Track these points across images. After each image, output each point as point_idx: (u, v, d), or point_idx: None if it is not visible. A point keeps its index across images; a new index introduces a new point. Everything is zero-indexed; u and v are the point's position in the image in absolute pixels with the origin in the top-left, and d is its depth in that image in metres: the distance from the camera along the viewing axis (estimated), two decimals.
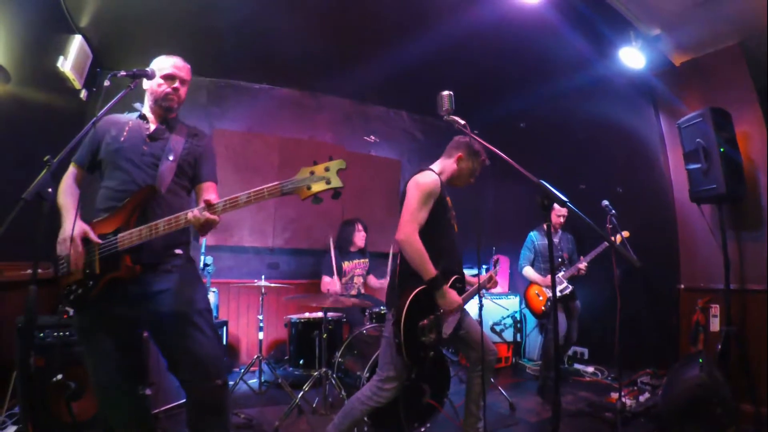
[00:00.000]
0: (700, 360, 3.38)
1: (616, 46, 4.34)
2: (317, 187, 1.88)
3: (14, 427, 2.91)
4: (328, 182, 1.88)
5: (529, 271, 4.78)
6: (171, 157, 2.23)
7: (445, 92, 2.33)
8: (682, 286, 4.46)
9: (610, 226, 3.79)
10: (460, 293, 2.69)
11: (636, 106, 5.15)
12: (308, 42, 4.96)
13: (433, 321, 2.54)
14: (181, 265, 2.24)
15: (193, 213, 1.95)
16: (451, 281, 2.64)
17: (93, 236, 2.04)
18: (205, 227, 1.98)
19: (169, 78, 2.29)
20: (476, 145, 2.77)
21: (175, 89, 2.30)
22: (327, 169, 1.88)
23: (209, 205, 1.96)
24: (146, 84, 2.30)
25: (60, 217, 2.11)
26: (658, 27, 4.18)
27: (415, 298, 2.49)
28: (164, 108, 2.30)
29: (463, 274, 2.79)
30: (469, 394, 2.84)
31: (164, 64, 2.30)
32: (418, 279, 2.52)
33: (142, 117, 2.31)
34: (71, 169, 2.27)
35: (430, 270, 2.49)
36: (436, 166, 2.85)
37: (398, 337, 2.45)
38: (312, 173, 1.89)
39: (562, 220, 4.72)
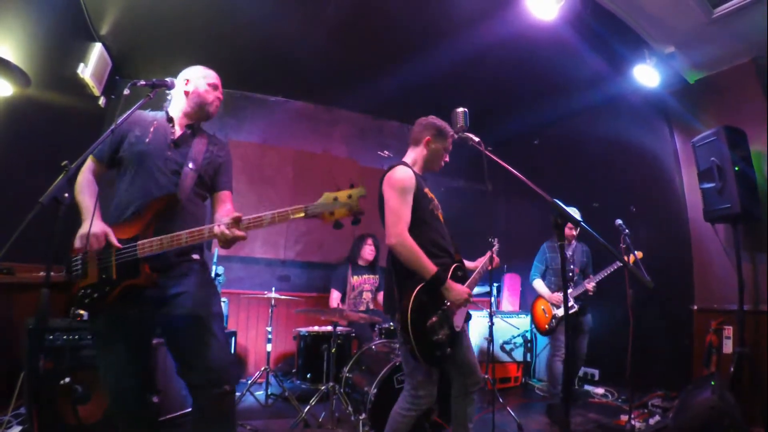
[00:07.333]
0: (713, 382, 3.31)
1: (631, 64, 4.37)
2: (340, 213, 1.93)
3: (19, 428, 2.90)
4: (351, 209, 1.92)
5: (538, 284, 4.62)
6: (192, 165, 2.24)
7: (460, 109, 2.32)
8: (696, 307, 4.40)
9: (624, 246, 3.73)
10: (462, 281, 2.60)
11: (650, 123, 5.13)
12: (324, 57, 5.02)
13: (442, 316, 2.41)
14: (197, 269, 2.25)
15: (221, 228, 1.93)
16: (451, 271, 2.54)
17: (114, 239, 2.01)
18: (231, 243, 1.98)
19: (215, 87, 2.38)
20: (440, 122, 2.69)
21: (219, 98, 2.40)
22: (350, 197, 1.92)
23: (237, 221, 1.95)
24: (190, 86, 2.33)
25: (80, 214, 2.08)
26: (672, 45, 4.19)
27: (417, 298, 2.38)
28: (207, 113, 2.36)
29: (461, 261, 2.68)
30: (455, 419, 2.72)
31: (208, 73, 2.39)
32: (416, 279, 2.40)
33: (169, 119, 2.32)
34: (89, 163, 2.24)
35: (430, 267, 2.37)
36: (408, 158, 2.76)
37: (409, 342, 2.35)
38: (335, 199, 1.93)
39: (574, 232, 4.50)
